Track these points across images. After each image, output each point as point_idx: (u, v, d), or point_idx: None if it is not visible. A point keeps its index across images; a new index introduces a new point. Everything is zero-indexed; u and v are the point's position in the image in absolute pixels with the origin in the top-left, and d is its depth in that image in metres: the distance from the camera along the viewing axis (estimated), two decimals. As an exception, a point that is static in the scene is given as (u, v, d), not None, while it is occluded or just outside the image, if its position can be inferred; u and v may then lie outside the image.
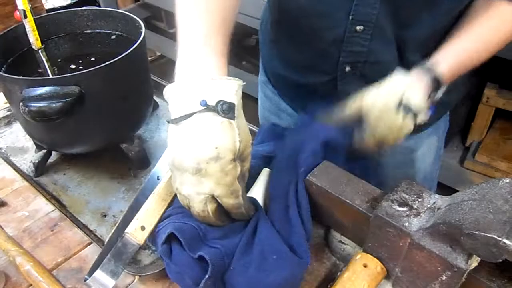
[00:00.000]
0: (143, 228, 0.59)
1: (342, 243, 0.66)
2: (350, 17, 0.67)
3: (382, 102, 0.65)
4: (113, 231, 0.64)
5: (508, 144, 1.70)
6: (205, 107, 0.51)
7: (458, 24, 0.69)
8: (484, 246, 0.46)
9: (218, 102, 0.51)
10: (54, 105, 0.67)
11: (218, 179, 0.52)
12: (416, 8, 0.66)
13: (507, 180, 0.51)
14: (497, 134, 1.74)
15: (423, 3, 0.65)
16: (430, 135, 0.87)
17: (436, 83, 0.65)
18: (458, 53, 0.67)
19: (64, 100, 0.67)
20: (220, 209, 0.55)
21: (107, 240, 0.63)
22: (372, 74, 0.68)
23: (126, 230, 0.59)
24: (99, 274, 0.57)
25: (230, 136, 0.52)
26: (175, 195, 0.58)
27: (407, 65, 0.68)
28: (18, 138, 0.93)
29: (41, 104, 0.67)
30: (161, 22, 2.64)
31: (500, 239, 0.44)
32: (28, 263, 0.65)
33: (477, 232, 0.46)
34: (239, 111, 0.53)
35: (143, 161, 0.83)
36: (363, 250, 0.60)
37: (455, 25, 0.69)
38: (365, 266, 0.58)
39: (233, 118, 0.52)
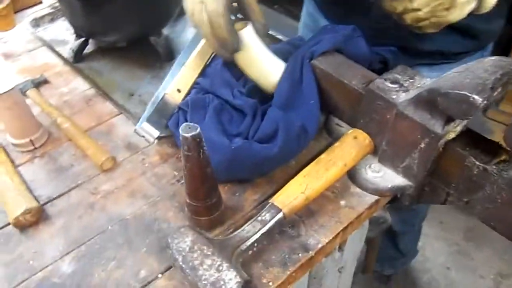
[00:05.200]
0: (179, 91, 0.70)
1: (339, 126, 0.73)
2: None
3: None
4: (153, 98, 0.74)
5: (534, 93, 1.67)
6: None
7: None
8: (457, 104, 0.51)
9: None
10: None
11: None
12: None
13: (493, 58, 0.55)
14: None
15: None
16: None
17: None
18: None
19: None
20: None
21: (149, 103, 0.74)
22: None
23: (166, 91, 0.70)
24: (146, 125, 0.69)
25: None
26: (204, 67, 0.70)
27: None
28: (60, 32, 1.03)
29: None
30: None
31: (470, 95, 0.49)
32: (67, 121, 0.76)
33: (451, 91, 0.51)
34: None
35: (169, 54, 0.91)
36: (356, 127, 0.67)
37: None
38: (355, 137, 0.65)
39: None
